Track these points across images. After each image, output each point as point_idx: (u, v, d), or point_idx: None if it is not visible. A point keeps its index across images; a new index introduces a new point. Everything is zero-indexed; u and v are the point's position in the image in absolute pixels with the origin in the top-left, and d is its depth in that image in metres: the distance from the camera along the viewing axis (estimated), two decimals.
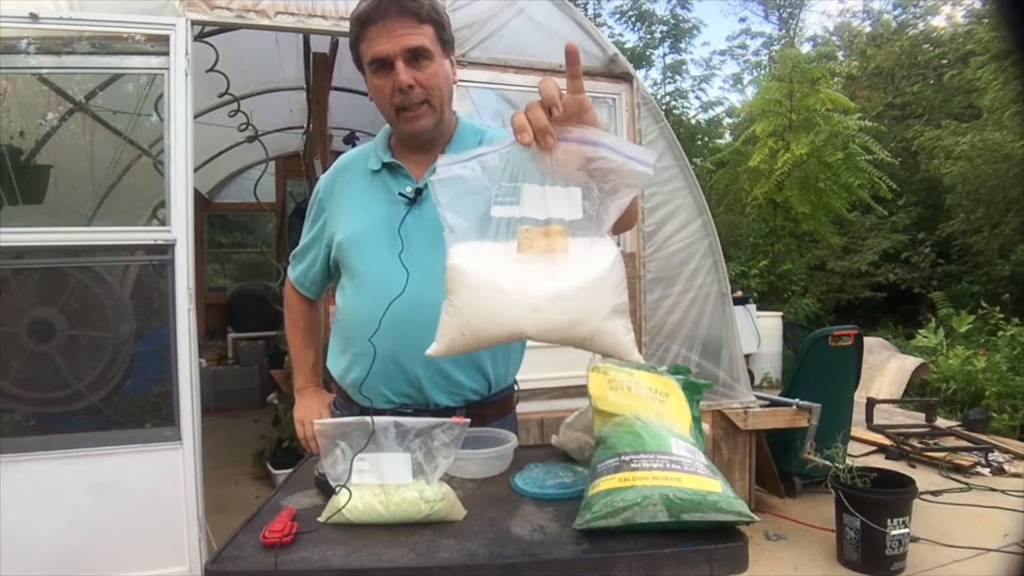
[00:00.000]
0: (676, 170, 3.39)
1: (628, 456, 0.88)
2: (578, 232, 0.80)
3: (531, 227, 0.79)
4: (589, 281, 0.76)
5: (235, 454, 4.35)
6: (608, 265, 0.79)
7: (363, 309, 1.24)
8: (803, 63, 9.28)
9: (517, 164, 0.82)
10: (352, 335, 1.28)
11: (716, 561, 0.81)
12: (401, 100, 1.21)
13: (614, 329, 0.78)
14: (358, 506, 0.91)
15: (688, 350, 3.39)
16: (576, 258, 0.77)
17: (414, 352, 1.22)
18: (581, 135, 0.80)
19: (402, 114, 1.23)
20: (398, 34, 1.17)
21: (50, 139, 2.64)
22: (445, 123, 1.30)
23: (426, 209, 1.25)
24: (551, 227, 0.78)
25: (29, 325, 2.32)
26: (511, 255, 0.79)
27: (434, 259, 1.17)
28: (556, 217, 0.78)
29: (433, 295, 1.16)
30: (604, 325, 0.77)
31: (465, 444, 1.06)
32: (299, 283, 1.50)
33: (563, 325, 0.77)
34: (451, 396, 1.27)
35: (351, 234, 1.30)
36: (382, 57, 1.19)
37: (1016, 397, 5.79)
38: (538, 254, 0.77)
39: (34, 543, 2.23)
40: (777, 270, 9.45)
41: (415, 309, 1.17)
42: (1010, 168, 8.81)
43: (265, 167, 5.57)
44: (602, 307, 0.77)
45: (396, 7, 1.17)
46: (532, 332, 0.79)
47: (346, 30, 2.74)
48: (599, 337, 0.78)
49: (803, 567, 3.01)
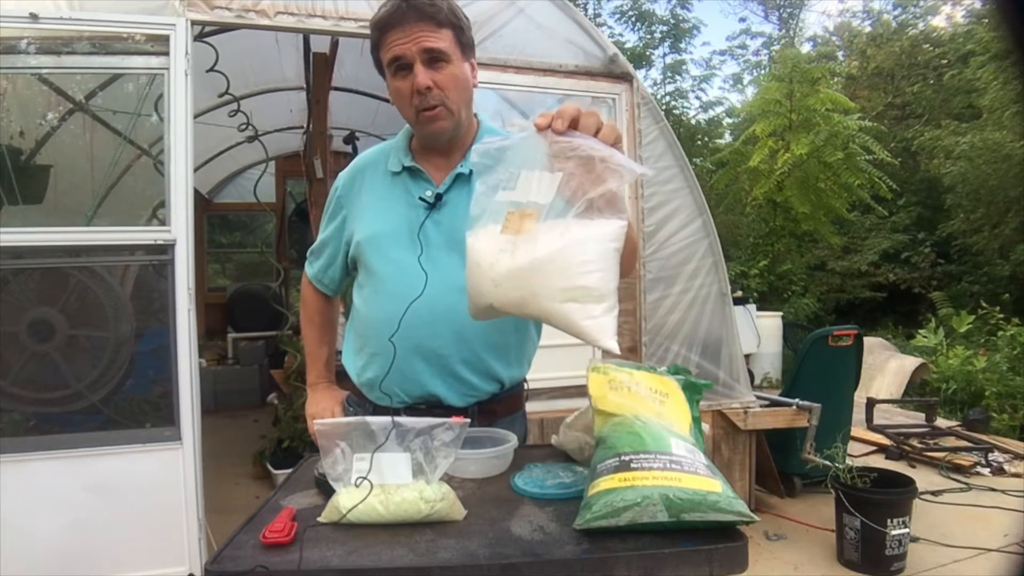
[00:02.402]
0: (676, 170, 3.39)
1: (628, 456, 0.88)
2: (558, 215, 0.83)
3: (515, 210, 0.84)
4: (536, 260, 0.80)
5: (235, 454, 4.35)
6: (561, 247, 0.80)
7: (381, 310, 1.26)
8: (803, 63, 9.30)
9: (524, 153, 0.87)
10: (369, 335, 1.30)
11: (716, 561, 0.81)
12: (420, 101, 1.22)
13: (567, 311, 0.80)
14: (360, 509, 0.91)
15: (688, 350, 3.39)
16: (535, 239, 0.81)
17: (429, 354, 1.25)
18: (582, 135, 0.84)
19: (421, 115, 1.24)
20: (417, 36, 1.18)
21: (50, 139, 2.64)
22: (464, 126, 1.31)
23: (445, 214, 1.27)
24: (524, 210, 0.83)
25: (29, 325, 2.32)
26: (496, 235, 0.85)
27: (452, 263, 1.20)
28: (532, 201, 0.83)
29: (450, 298, 1.19)
30: (554, 306, 0.80)
31: (465, 444, 1.06)
32: (317, 280, 1.51)
33: (516, 301, 0.82)
34: (463, 397, 1.30)
35: (371, 235, 1.31)
36: (400, 57, 1.20)
37: (1016, 397, 5.79)
38: (512, 235, 0.83)
39: (34, 543, 2.23)
40: (777, 270, 9.45)
41: (432, 312, 1.20)
42: (1010, 168, 8.81)
43: (265, 167, 5.56)
44: (549, 286, 0.79)
45: (415, 12, 1.18)
46: (497, 305, 0.85)
47: (346, 30, 2.77)
48: (553, 318, 0.81)
49: (803, 567, 3.00)
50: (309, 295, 1.55)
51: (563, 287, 0.80)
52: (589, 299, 0.80)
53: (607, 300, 0.82)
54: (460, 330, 1.23)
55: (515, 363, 1.35)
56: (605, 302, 0.81)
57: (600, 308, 0.81)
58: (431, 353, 1.25)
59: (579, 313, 0.81)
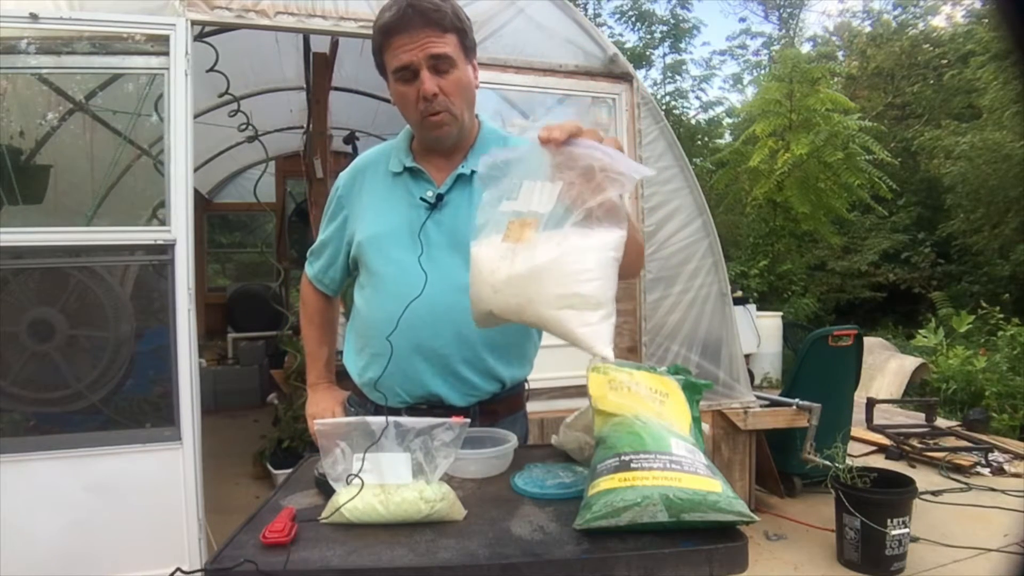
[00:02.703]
0: (676, 170, 3.39)
1: (628, 456, 0.88)
2: (557, 224, 0.84)
3: (516, 219, 0.86)
4: (534, 268, 0.81)
5: (235, 454, 4.35)
6: (558, 255, 0.81)
7: (382, 310, 1.26)
8: (803, 63, 9.30)
9: (528, 165, 0.89)
10: (370, 334, 1.30)
11: (716, 561, 0.81)
12: (426, 107, 1.23)
13: (562, 318, 0.81)
14: (358, 506, 0.91)
15: (688, 350, 3.39)
16: (534, 247, 0.83)
17: (430, 353, 1.26)
18: (585, 142, 0.85)
19: (426, 120, 1.25)
20: (423, 43, 1.19)
21: (50, 139, 2.63)
22: (467, 128, 1.31)
23: (446, 214, 1.28)
24: (525, 219, 0.85)
25: (29, 325, 2.32)
26: (497, 244, 0.86)
27: (453, 263, 1.22)
28: (533, 210, 0.85)
29: (451, 298, 1.20)
30: (550, 313, 0.81)
31: (465, 444, 1.06)
32: (318, 280, 1.51)
33: (514, 307, 0.84)
34: (464, 397, 1.30)
35: (372, 235, 1.31)
36: (407, 65, 1.20)
37: (1016, 397, 5.79)
38: (512, 243, 0.84)
39: (34, 543, 2.23)
40: (777, 270, 9.45)
41: (433, 311, 1.21)
42: (1010, 168, 8.81)
43: (265, 167, 5.56)
44: (545, 294, 0.81)
45: (420, 17, 1.18)
46: (496, 311, 0.86)
47: (346, 30, 2.77)
48: (550, 324, 0.82)
49: (803, 567, 3.01)
50: (309, 295, 1.55)
51: (559, 294, 0.80)
52: (585, 307, 0.81)
53: (604, 308, 0.82)
54: (461, 329, 1.23)
55: (516, 363, 1.35)
56: (602, 310, 0.82)
57: (596, 316, 0.82)
58: (432, 352, 1.26)
59: (575, 320, 0.81)
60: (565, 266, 0.81)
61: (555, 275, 0.81)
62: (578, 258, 0.81)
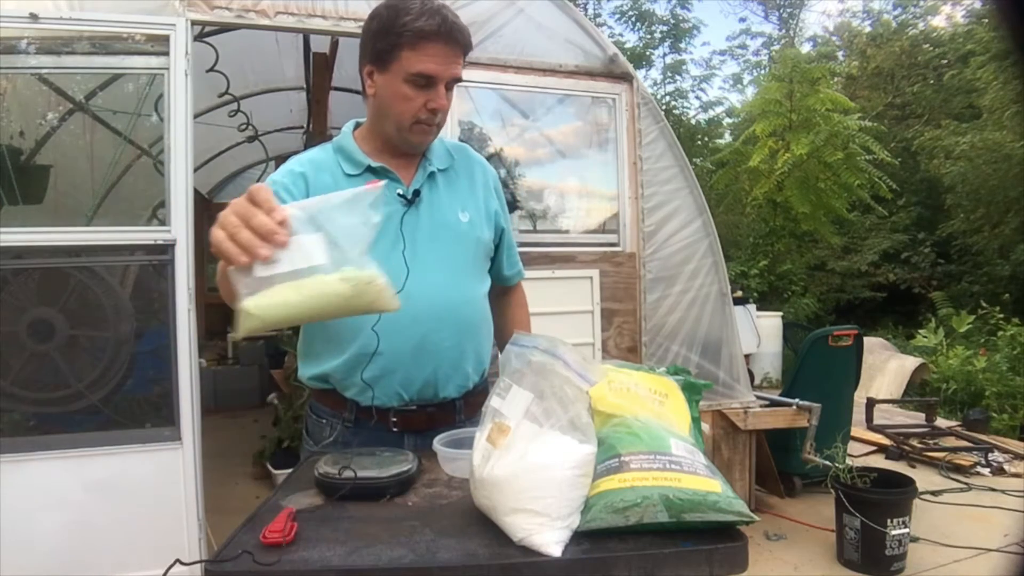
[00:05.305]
0: (676, 170, 3.39)
1: (627, 457, 0.88)
2: (524, 436, 0.87)
3: (496, 421, 0.91)
4: (495, 478, 0.85)
5: (235, 454, 4.35)
6: (517, 471, 0.84)
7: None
8: (803, 63, 9.30)
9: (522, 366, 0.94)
10: (351, 332, 1.26)
11: (716, 561, 0.81)
12: (428, 118, 1.26)
13: (510, 523, 0.83)
14: (270, 300, 0.82)
15: (688, 350, 3.39)
16: (501, 456, 0.86)
17: (430, 346, 1.27)
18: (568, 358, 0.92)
19: (416, 127, 1.27)
20: (452, 62, 1.23)
21: (50, 139, 2.63)
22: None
23: (423, 211, 1.31)
24: (502, 423, 0.89)
25: (29, 325, 2.32)
26: (482, 442, 0.91)
27: (436, 256, 1.27)
28: (509, 414, 0.89)
29: (432, 290, 1.24)
30: (504, 519, 0.84)
31: (463, 444, 1.07)
32: None
33: (486, 507, 0.88)
34: (458, 388, 1.32)
35: None
36: (430, 75, 1.22)
37: (1016, 397, 5.79)
38: (490, 446, 0.89)
39: (34, 543, 2.23)
40: (777, 270, 9.45)
41: (415, 304, 1.21)
42: (1010, 168, 8.82)
43: (265, 167, 5.58)
44: (503, 504, 0.84)
45: (457, 34, 1.22)
46: (479, 504, 0.90)
47: (346, 30, 2.77)
48: (505, 529, 0.85)
49: (803, 567, 3.01)
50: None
51: (512, 507, 0.84)
52: (535, 519, 0.83)
53: (559, 520, 0.83)
54: (443, 319, 1.26)
55: (486, 353, 1.39)
56: (555, 521, 0.82)
57: (543, 522, 0.82)
58: (430, 344, 1.26)
59: (523, 523, 0.83)
60: (521, 482, 0.83)
61: (513, 489, 0.83)
62: (534, 477, 0.83)
